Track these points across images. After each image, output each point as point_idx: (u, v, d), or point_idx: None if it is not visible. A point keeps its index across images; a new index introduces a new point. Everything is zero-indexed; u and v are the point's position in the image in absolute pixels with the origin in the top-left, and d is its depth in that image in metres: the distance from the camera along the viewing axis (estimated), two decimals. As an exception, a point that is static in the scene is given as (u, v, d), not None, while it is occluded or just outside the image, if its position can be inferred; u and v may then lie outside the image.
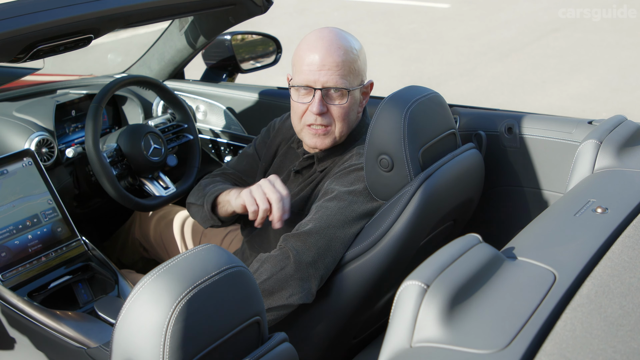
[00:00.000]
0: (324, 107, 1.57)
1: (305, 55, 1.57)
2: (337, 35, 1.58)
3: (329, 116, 1.59)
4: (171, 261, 0.99)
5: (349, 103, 1.59)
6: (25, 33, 1.58)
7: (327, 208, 1.49)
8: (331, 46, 1.55)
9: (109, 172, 1.93)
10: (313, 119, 1.58)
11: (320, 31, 1.60)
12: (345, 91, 1.56)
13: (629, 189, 1.18)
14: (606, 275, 0.88)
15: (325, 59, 1.54)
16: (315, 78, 1.55)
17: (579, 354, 0.73)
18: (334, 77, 1.55)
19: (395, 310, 0.85)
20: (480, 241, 0.96)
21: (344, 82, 1.56)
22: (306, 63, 1.56)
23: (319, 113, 1.57)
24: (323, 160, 1.66)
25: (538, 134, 1.78)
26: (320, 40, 1.56)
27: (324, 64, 1.54)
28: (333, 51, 1.54)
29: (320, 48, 1.55)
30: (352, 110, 1.61)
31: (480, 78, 5.72)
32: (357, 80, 1.60)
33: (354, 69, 1.57)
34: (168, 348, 0.92)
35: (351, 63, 1.56)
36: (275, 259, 1.45)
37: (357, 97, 1.63)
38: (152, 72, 2.51)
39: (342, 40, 1.57)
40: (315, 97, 1.56)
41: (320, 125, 1.59)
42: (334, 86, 1.55)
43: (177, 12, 1.97)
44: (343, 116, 1.59)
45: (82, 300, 1.70)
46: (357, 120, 1.68)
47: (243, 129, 2.45)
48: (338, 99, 1.57)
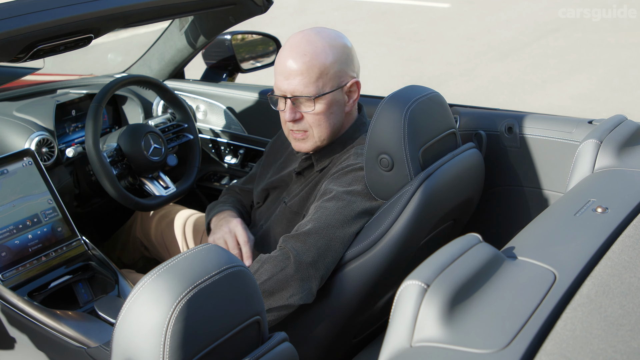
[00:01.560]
0: (296, 114, 1.58)
1: (277, 64, 1.59)
2: (306, 39, 1.56)
3: (305, 122, 1.59)
4: (171, 261, 0.99)
5: (321, 108, 1.57)
6: (25, 33, 1.58)
7: (326, 208, 1.49)
8: (297, 53, 1.54)
9: (109, 171, 1.93)
10: (290, 125, 1.61)
11: (293, 36, 1.59)
12: (312, 99, 1.55)
13: (629, 188, 1.18)
14: (606, 275, 0.88)
15: (290, 67, 1.55)
16: (284, 87, 1.57)
17: (579, 354, 0.73)
18: (299, 86, 1.55)
19: (395, 310, 0.85)
20: (480, 241, 0.96)
21: (311, 90, 1.54)
22: (277, 72, 1.58)
23: (291, 120, 1.59)
24: (321, 160, 1.66)
25: (538, 134, 1.78)
26: (288, 47, 1.57)
27: (289, 72, 1.55)
28: (298, 58, 1.54)
29: (287, 56, 1.56)
30: (329, 114, 1.59)
31: (481, 78, 5.72)
32: (332, 83, 1.57)
33: (324, 73, 1.55)
34: (168, 348, 0.92)
35: (320, 67, 1.54)
36: (276, 260, 1.45)
37: (336, 99, 1.59)
38: (152, 71, 2.51)
39: (309, 44, 1.55)
40: (287, 106, 1.58)
41: (298, 131, 1.60)
42: (300, 95, 1.55)
43: (177, 11, 1.97)
44: (317, 122, 1.58)
45: (82, 300, 1.70)
46: (350, 119, 1.67)
47: (243, 129, 2.45)
48: (308, 107, 1.57)
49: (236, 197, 1.95)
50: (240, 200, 1.94)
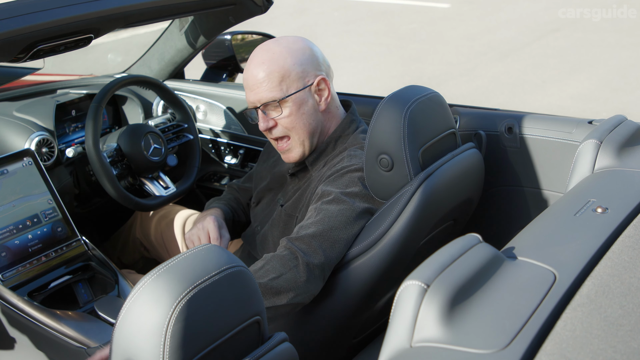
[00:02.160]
0: (268, 122, 1.62)
1: (243, 78, 1.64)
2: (263, 49, 1.61)
3: (280, 127, 1.62)
4: (171, 261, 0.99)
5: (290, 111, 1.59)
6: (25, 33, 1.58)
7: (328, 210, 1.49)
8: (256, 63, 1.60)
9: (109, 172, 1.93)
10: (269, 134, 1.64)
11: (253, 51, 1.64)
12: (277, 102, 1.58)
13: (629, 188, 1.18)
14: (606, 275, 0.88)
15: (253, 77, 1.59)
16: (252, 99, 1.61)
17: (579, 354, 0.73)
18: (264, 92, 1.58)
19: (396, 310, 0.85)
20: (480, 241, 0.96)
21: (275, 94, 1.58)
22: (245, 86, 1.63)
23: (266, 129, 1.62)
24: (315, 163, 1.66)
25: (538, 134, 1.78)
26: (250, 61, 1.62)
27: (253, 82, 1.59)
28: (257, 67, 1.59)
29: (248, 68, 1.62)
30: (301, 115, 1.61)
31: (480, 78, 5.72)
32: (297, 84, 1.59)
33: (286, 76, 1.58)
34: (168, 348, 0.92)
35: (279, 71, 1.57)
36: (283, 259, 1.45)
37: (304, 100, 1.60)
38: (152, 72, 2.51)
39: (266, 52, 1.60)
40: (259, 116, 1.62)
41: (276, 139, 1.64)
42: (266, 101, 1.58)
43: (177, 12, 1.97)
44: (291, 124, 1.60)
45: (82, 300, 1.70)
46: (334, 117, 1.67)
47: (243, 129, 2.45)
48: (276, 112, 1.60)
49: (234, 194, 1.97)
50: (237, 199, 1.96)
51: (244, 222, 1.92)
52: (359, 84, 5.67)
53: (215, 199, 1.94)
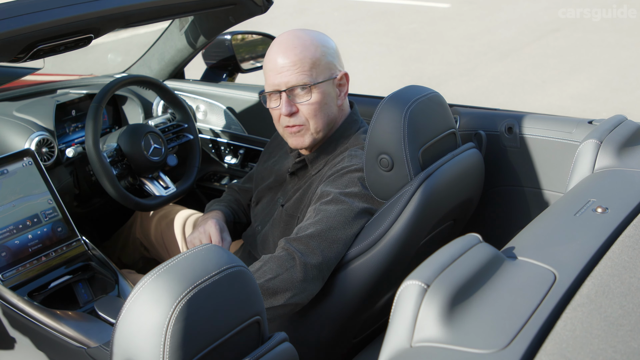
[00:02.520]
0: (292, 107, 1.60)
1: (267, 62, 1.62)
2: (293, 35, 1.61)
3: (301, 115, 1.61)
4: (171, 261, 0.99)
5: (318, 98, 1.59)
6: (25, 33, 1.58)
7: (326, 211, 1.49)
8: (287, 47, 1.59)
9: (109, 171, 1.93)
10: (287, 121, 1.62)
11: (279, 37, 1.64)
12: (308, 87, 1.58)
13: (629, 188, 1.18)
14: (606, 275, 0.88)
15: (283, 61, 1.58)
16: (277, 81, 1.59)
17: (579, 354, 0.73)
18: (294, 75, 1.57)
19: (396, 310, 0.85)
20: (480, 241, 0.96)
21: (306, 78, 1.58)
22: (269, 69, 1.61)
23: (288, 114, 1.60)
24: (315, 162, 1.66)
25: (538, 134, 1.78)
26: (277, 45, 1.61)
27: (282, 65, 1.58)
28: (289, 51, 1.58)
29: (277, 52, 1.60)
30: (324, 105, 1.61)
31: (481, 78, 5.72)
32: (325, 73, 1.61)
33: (316, 64, 1.59)
34: (168, 348, 0.92)
35: (311, 58, 1.58)
36: (280, 260, 1.45)
37: (328, 91, 1.62)
38: (152, 71, 2.51)
39: (297, 39, 1.60)
40: (282, 99, 1.60)
41: (294, 125, 1.62)
42: (295, 84, 1.58)
43: (177, 12, 1.97)
44: (314, 112, 1.60)
45: (82, 300, 1.70)
46: (343, 115, 1.68)
47: (243, 129, 2.45)
48: (304, 97, 1.59)
49: (234, 195, 1.97)
50: (237, 200, 1.95)
51: (244, 224, 1.92)
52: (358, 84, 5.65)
53: (216, 201, 1.94)
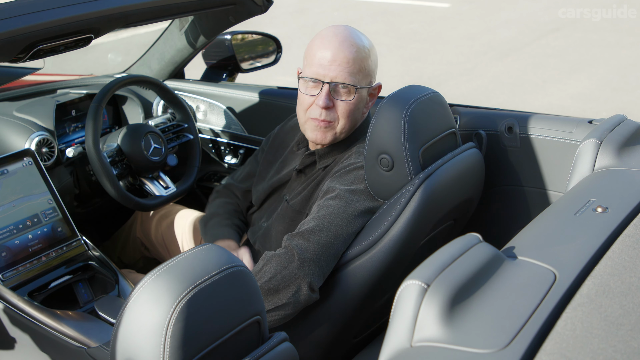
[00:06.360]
0: (330, 101, 1.58)
1: (318, 49, 1.59)
2: (351, 32, 1.60)
3: (334, 112, 1.59)
4: (171, 261, 0.99)
5: (356, 100, 1.59)
6: (25, 33, 1.58)
7: (329, 206, 1.50)
8: (344, 42, 1.56)
9: (109, 171, 1.93)
10: (318, 113, 1.59)
11: (335, 27, 1.61)
12: (353, 88, 1.57)
13: (629, 188, 1.18)
14: (606, 275, 0.88)
15: (337, 54, 1.56)
16: (325, 72, 1.57)
17: (579, 354, 0.73)
18: (344, 73, 1.56)
19: (396, 309, 0.85)
20: (480, 240, 0.96)
21: (353, 79, 1.57)
22: (318, 57, 1.58)
23: (324, 107, 1.58)
24: (324, 158, 1.66)
25: (538, 134, 1.78)
26: (335, 36, 1.58)
27: (335, 59, 1.56)
28: (345, 47, 1.56)
29: (334, 43, 1.57)
30: (357, 109, 1.62)
31: (481, 77, 5.72)
32: (366, 80, 1.61)
33: (364, 68, 1.58)
34: (168, 348, 0.92)
35: (362, 61, 1.58)
36: (280, 257, 1.46)
37: (364, 96, 1.63)
38: (152, 71, 2.51)
39: (356, 38, 1.59)
40: (323, 91, 1.58)
41: (324, 120, 1.60)
42: (342, 82, 1.57)
43: (177, 12, 1.97)
44: (348, 113, 1.59)
45: (82, 300, 1.70)
46: (362, 120, 1.68)
47: (243, 129, 2.45)
48: (345, 95, 1.58)
49: (233, 206, 1.93)
50: (236, 211, 1.92)
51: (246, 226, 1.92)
52: (359, 83, 5.66)
53: (215, 215, 1.88)
